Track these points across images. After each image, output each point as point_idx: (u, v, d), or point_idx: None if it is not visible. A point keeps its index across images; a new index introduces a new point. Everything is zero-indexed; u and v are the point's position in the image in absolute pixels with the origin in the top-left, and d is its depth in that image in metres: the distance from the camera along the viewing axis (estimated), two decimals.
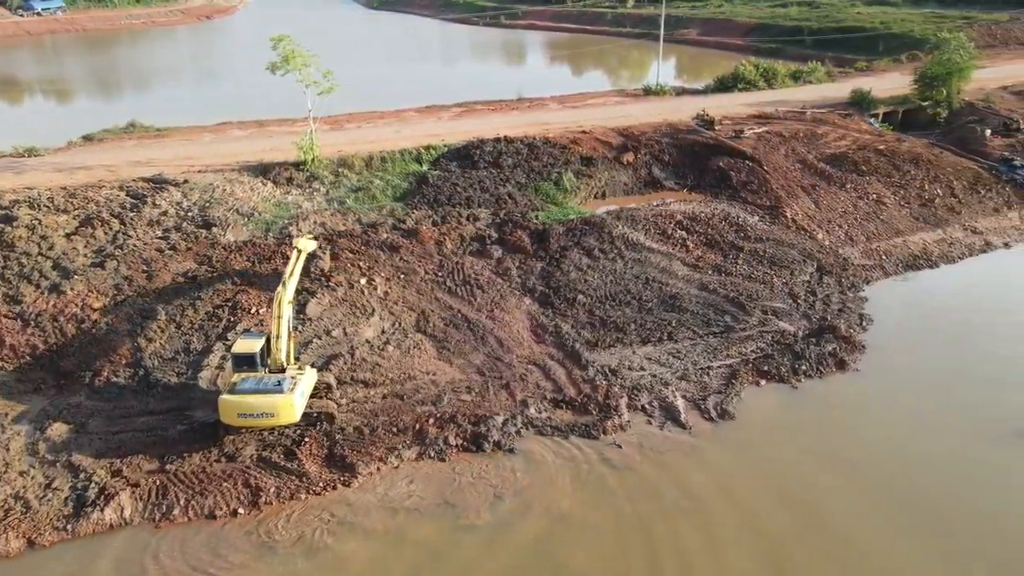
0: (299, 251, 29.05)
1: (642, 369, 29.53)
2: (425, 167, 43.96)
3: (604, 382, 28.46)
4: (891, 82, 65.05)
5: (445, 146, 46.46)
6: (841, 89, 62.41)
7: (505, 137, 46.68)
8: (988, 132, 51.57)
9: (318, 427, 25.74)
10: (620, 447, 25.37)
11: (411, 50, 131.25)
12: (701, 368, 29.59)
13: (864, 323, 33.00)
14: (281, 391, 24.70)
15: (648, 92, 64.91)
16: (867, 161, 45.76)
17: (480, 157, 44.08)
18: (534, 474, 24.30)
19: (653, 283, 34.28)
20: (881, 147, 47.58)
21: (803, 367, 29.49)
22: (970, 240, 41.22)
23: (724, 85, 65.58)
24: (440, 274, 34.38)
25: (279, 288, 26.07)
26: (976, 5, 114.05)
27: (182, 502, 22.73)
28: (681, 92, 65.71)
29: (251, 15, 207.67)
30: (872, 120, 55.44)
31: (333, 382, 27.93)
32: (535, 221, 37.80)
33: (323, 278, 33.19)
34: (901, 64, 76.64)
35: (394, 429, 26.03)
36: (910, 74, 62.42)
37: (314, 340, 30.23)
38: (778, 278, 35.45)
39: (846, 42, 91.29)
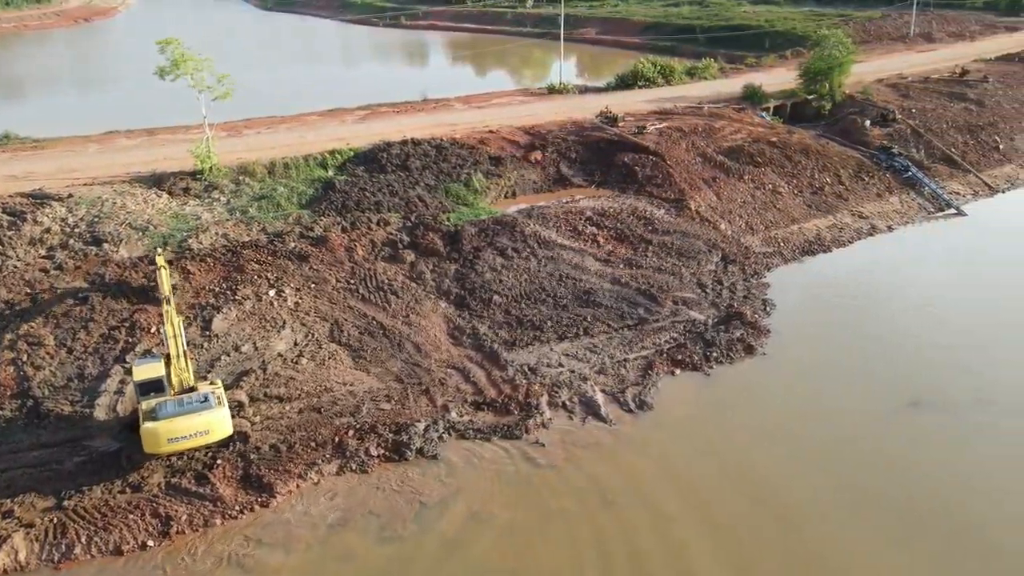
0: (162, 267, 28.30)
1: (561, 366, 29.79)
2: (331, 172, 42.84)
3: (524, 381, 28.53)
4: (778, 77, 68.37)
5: (351, 150, 45.40)
6: (733, 85, 65.05)
7: (412, 139, 46.10)
8: (868, 123, 54.97)
9: (231, 448, 24.58)
10: (543, 445, 25.48)
11: (310, 52, 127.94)
12: (618, 361, 30.15)
13: (768, 308, 34.51)
14: (210, 406, 23.63)
15: (552, 91, 65.69)
16: (762, 153, 47.90)
17: (387, 160, 43.34)
18: (459, 479, 24.08)
19: (567, 280, 34.67)
20: (774, 139, 49.92)
21: (714, 354, 30.54)
22: (858, 225, 43.86)
23: (625, 82, 67.15)
24: (352, 282, 33.57)
25: (164, 307, 24.79)
26: (851, 3, 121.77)
27: (84, 540, 21.19)
28: (584, 90, 66.85)
29: (134, 17, 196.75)
30: (764, 114, 58.06)
31: (245, 399, 26.78)
32: (447, 223, 37.51)
33: (229, 292, 31.77)
34: (787, 60, 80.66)
35: (312, 444, 25.19)
36: (795, 69, 65.78)
37: (222, 357, 28.89)
38: (686, 269, 36.59)
39: (735, 40, 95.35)
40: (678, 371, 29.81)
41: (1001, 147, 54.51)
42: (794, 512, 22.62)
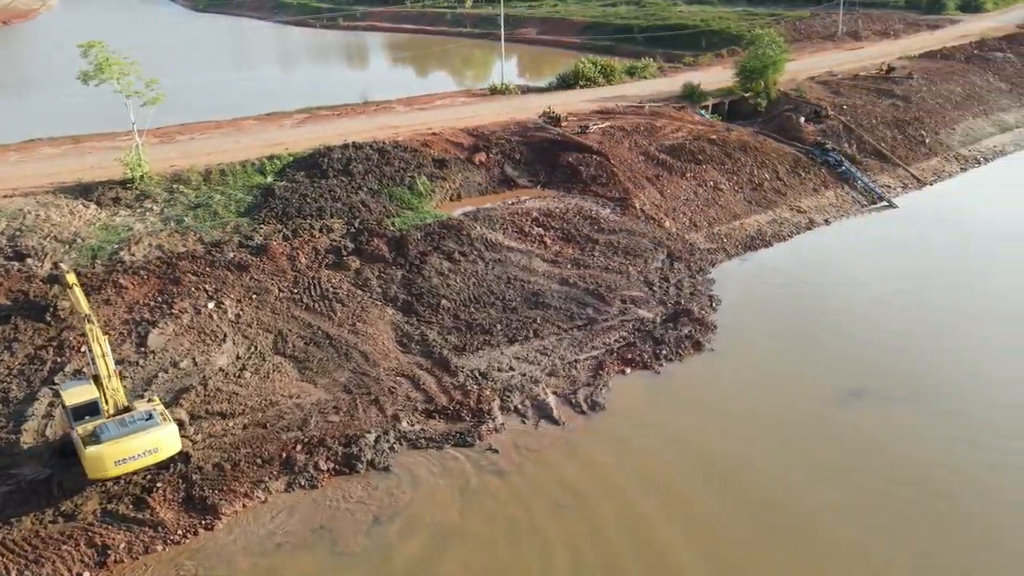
0: (73, 285, 26.14)
1: (512, 369, 29.57)
2: (270, 178, 41.63)
3: (475, 387, 28.20)
4: (716, 76, 69.65)
5: (290, 155, 44.23)
6: (673, 83, 66.01)
7: (353, 143, 45.19)
8: (802, 120, 56.47)
9: (171, 469, 23.55)
10: (497, 451, 25.20)
11: (245, 54, 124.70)
12: (569, 362, 30.09)
13: (714, 304, 35.00)
14: (157, 423, 22.74)
15: (494, 91, 65.47)
16: (702, 151, 48.67)
17: (329, 165, 42.36)
18: (412, 490, 23.60)
19: (515, 282, 34.47)
20: (713, 137, 50.80)
21: (664, 352, 30.78)
22: (797, 219, 44.97)
23: (566, 82, 67.42)
24: (296, 291, 32.64)
25: (86, 326, 23.48)
26: (781, 3, 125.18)
27: (13, 575, 19.94)
28: (526, 90, 66.85)
29: (57, 19, 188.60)
30: (703, 112, 59.07)
31: (185, 418, 25.74)
32: (392, 228, 36.86)
33: (165, 306, 30.50)
34: (723, 59, 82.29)
35: (258, 461, 24.34)
36: (732, 68, 67.11)
37: (160, 374, 27.69)
38: (633, 267, 36.83)
39: (673, 39, 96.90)
40: (628, 370, 29.93)
41: (927, 141, 56.72)
42: (756, 497, 23.03)
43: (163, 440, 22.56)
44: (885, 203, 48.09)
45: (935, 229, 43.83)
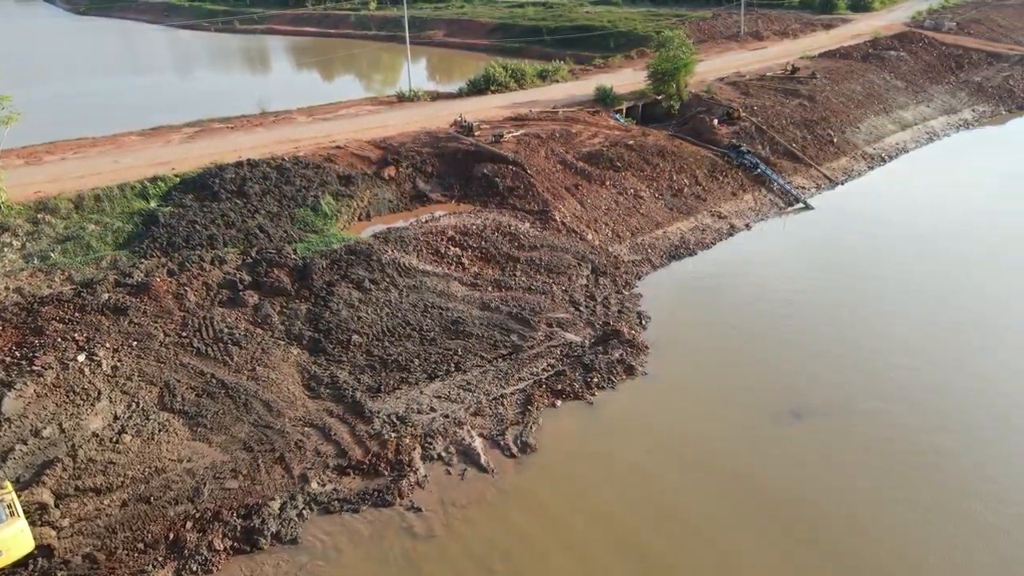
0: None
1: (433, 410, 26.96)
2: (154, 204, 37.41)
3: (393, 434, 25.45)
4: (627, 77, 68.98)
5: (177, 176, 40.03)
6: (585, 87, 64.76)
7: (249, 160, 41.39)
8: (715, 121, 56.16)
9: (30, 567, 19.78)
10: (420, 510, 22.60)
11: (131, 62, 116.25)
12: (495, 398, 27.74)
13: (643, 322, 33.45)
14: (1, 520, 18.82)
15: (402, 98, 62.37)
16: (620, 157, 47.33)
17: (221, 186, 38.47)
18: (327, 566, 20.69)
19: (432, 310, 31.83)
20: (630, 142, 49.60)
21: (595, 379, 28.87)
22: (718, 225, 44.19)
23: (477, 87, 65.09)
24: (184, 334, 28.91)
25: None
26: (684, 3, 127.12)
27: None
28: (436, 96, 64.05)
29: None
30: (618, 116, 57.97)
31: (49, 499, 21.87)
32: (294, 256, 33.47)
33: (25, 362, 26.26)
34: (632, 60, 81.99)
35: (140, 546, 20.89)
36: (642, 69, 66.63)
37: (17, 446, 23.58)
38: (557, 286, 34.84)
39: (581, 40, 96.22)
40: (559, 402, 27.86)
41: (835, 140, 57.50)
42: (703, 534, 21.33)
43: (8, 540, 18.82)
44: (802, 205, 48.11)
45: (853, 231, 43.91)
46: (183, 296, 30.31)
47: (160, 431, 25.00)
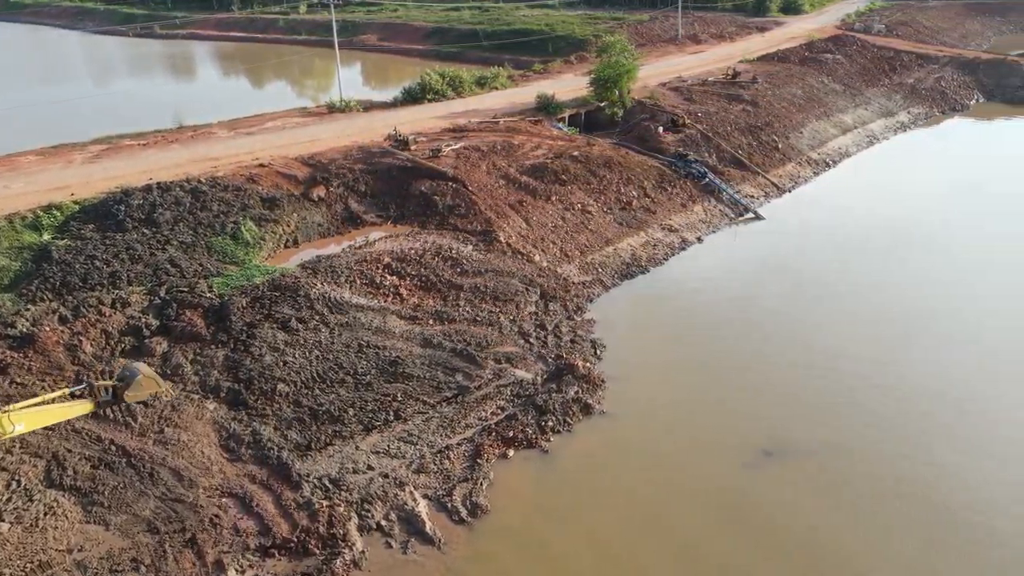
0: None
1: (370, 469, 23.96)
2: (47, 236, 33.24)
3: (324, 502, 22.36)
4: (568, 83, 66.98)
5: (76, 203, 35.92)
6: (526, 94, 62.46)
7: (159, 184, 37.49)
8: (660, 129, 54.58)
9: None
10: None
11: (37, 70, 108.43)
12: (439, 451, 24.92)
13: (598, 351, 31.14)
14: None
15: (333, 109, 58.79)
16: (566, 170, 45.04)
17: (127, 214, 34.56)
18: None
19: (368, 349, 28.75)
20: (575, 153, 47.38)
21: (549, 423, 26.33)
22: (670, 239, 42.34)
23: (413, 96, 61.95)
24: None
25: None
26: (620, 7, 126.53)
27: None
28: (369, 107, 60.62)
29: None
30: (560, 124, 55.84)
31: None
32: (209, 294, 29.90)
33: None
34: (572, 65, 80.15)
35: None
36: (583, 74, 64.80)
37: None
38: (504, 316, 32.19)
39: (520, 45, 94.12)
40: (511, 452, 25.22)
41: (780, 146, 56.62)
42: None
43: None
44: (752, 215, 46.76)
45: (806, 241, 42.72)
46: (77, 347, 26.46)
47: (46, 514, 21.31)
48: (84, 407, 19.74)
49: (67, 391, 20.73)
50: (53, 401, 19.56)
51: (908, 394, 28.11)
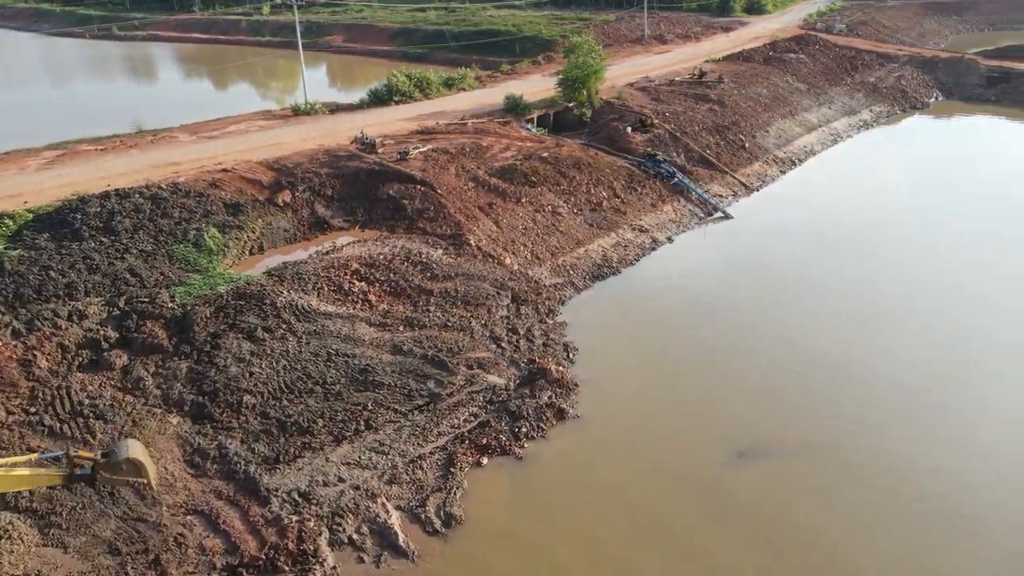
0: None
1: (341, 481, 23.43)
2: None
3: (294, 517, 21.78)
4: (536, 84, 66.83)
5: (30, 212, 34.69)
6: (494, 95, 62.11)
7: (117, 191, 36.40)
8: (629, 129, 54.62)
9: None
10: None
11: None
12: (412, 460, 24.47)
13: (571, 354, 30.93)
14: None
15: (298, 112, 57.78)
16: (535, 171, 44.79)
17: (84, 223, 33.45)
18: None
19: (337, 358, 28.15)
20: (545, 155, 47.15)
21: (523, 428, 26.05)
22: (640, 239, 42.32)
23: (379, 98, 61.19)
24: (34, 410, 24.14)
25: None
26: (586, 7, 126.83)
27: None
28: (335, 109, 59.70)
29: None
30: (529, 125, 55.59)
31: None
32: (171, 304, 29.01)
33: None
34: (540, 65, 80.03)
35: None
36: (550, 75, 64.64)
37: None
38: (476, 320, 31.80)
39: (487, 45, 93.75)
40: (485, 459, 24.87)
41: (747, 145, 57.06)
42: None
43: None
44: (721, 214, 46.99)
45: (775, 240, 42.99)
46: (31, 363, 25.45)
47: (1, 538, 20.39)
48: (53, 478, 17.87)
49: (37, 456, 18.63)
50: (18, 465, 17.67)
51: (882, 390, 28.34)
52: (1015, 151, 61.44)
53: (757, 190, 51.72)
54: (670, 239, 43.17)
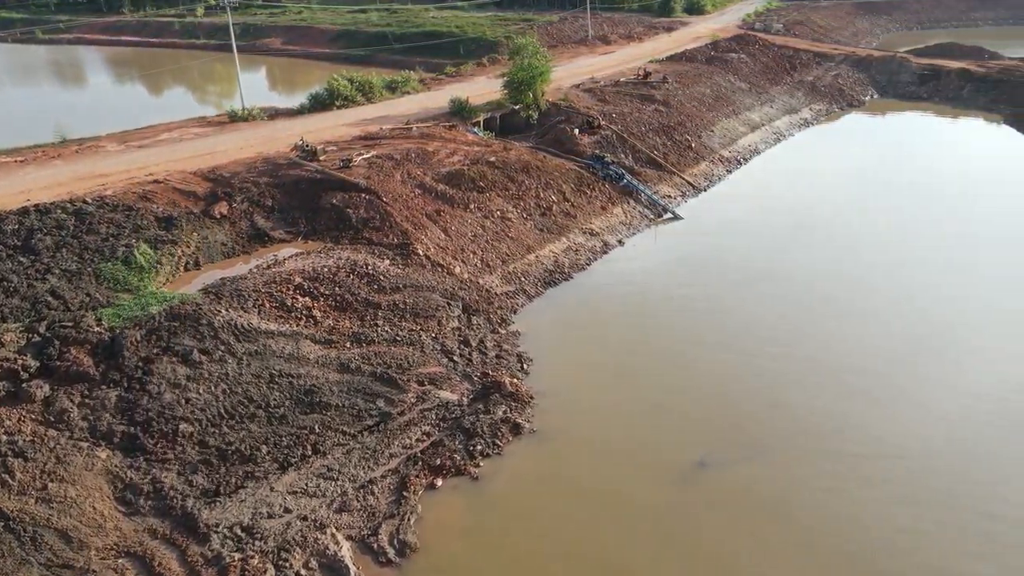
0: None
1: (287, 512, 22.15)
2: None
3: (236, 555, 20.43)
4: (482, 87, 66.03)
5: None
6: (439, 98, 61.04)
7: (37, 206, 34.10)
8: (577, 131, 54.21)
9: None
10: None
11: None
12: (362, 485, 23.34)
13: (524, 366, 30.18)
14: None
15: (234, 118, 55.65)
16: (483, 176, 43.90)
17: (0, 241, 31.17)
18: None
19: (281, 379, 26.77)
20: (492, 159, 46.32)
21: (478, 446, 25.15)
22: (591, 243, 41.88)
23: (321, 103, 59.44)
24: None
25: None
26: (529, 8, 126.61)
27: None
28: (274, 115, 57.76)
29: None
30: (475, 129, 54.67)
31: None
32: (98, 327, 27.13)
33: None
34: (485, 67, 79.27)
35: None
36: (496, 77, 63.92)
37: None
38: (426, 333, 30.77)
39: (431, 47, 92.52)
40: (440, 481, 23.89)
41: (693, 145, 57.32)
42: None
43: None
44: (671, 215, 46.95)
45: (726, 240, 43.04)
46: None
47: None
48: None
49: None
50: None
51: (842, 389, 28.37)
52: (947, 145, 63.50)
53: (705, 190, 51.94)
54: (621, 242, 42.87)
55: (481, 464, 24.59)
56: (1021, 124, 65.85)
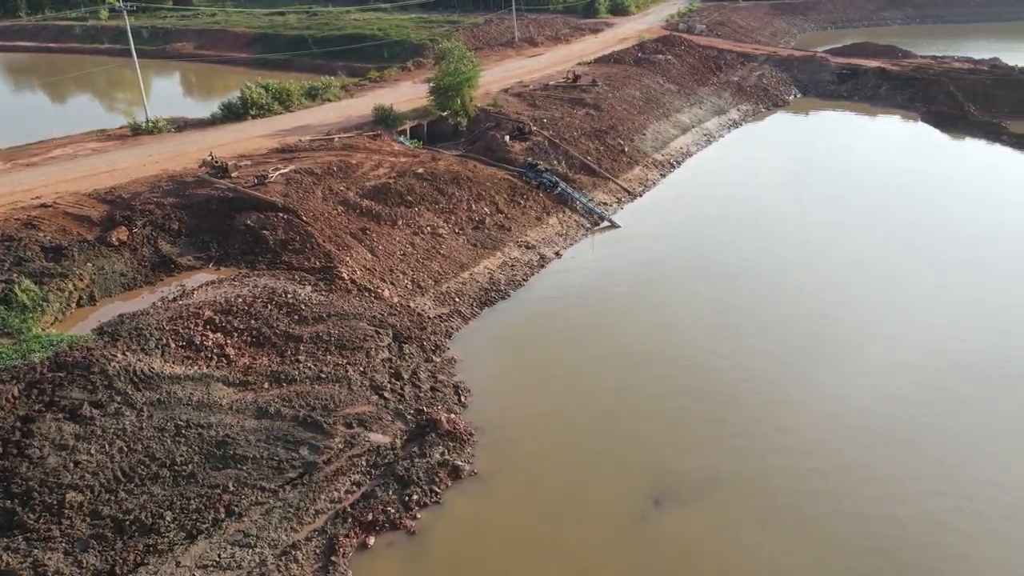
0: None
1: None
2: None
3: None
4: (407, 92, 63.53)
5: None
6: (362, 105, 58.22)
7: None
8: (507, 137, 52.36)
9: None
10: None
11: None
12: (284, 552, 20.72)
13: (462, 398, 28.02)
14: None
15: (138, 131, 51.44)
16: (411, 190, 41.48)
17: None
18: None
19: (189, 431, 23.79)
20: (420, 170, 43.93)
21: (414, 496, 22.86)
22: (527, 257, 40.03)
23: (234, 112, 55.70)
24: None
25: None
26: (454, 9, 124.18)
27: None
28: (183, 126, 53.74)
29: None
30: (402, 138, 52.18)
31: None
32: None
33: None
34: (410, 72, 76.71)
35: None
36: (422, 82, 61.58)
37: None
38: (353, 368, 28.20)
39: (353, 51, 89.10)
40: (372, 539, 21.51)
41: (626, 149, 56.27)
42: None
43: None
44: (607, 223, 45.58)
45: (665, 248, 41.88)
46: None
47: None
48: None
49: None
50: None
51: (795, 407, 27.33)
52: (867, 140, 64.60)
53: (640, 195, 50.87)
54: (558, 254, 41.19)
55: (418, 516, 22.33)
56: (937, 121, 67.65)
